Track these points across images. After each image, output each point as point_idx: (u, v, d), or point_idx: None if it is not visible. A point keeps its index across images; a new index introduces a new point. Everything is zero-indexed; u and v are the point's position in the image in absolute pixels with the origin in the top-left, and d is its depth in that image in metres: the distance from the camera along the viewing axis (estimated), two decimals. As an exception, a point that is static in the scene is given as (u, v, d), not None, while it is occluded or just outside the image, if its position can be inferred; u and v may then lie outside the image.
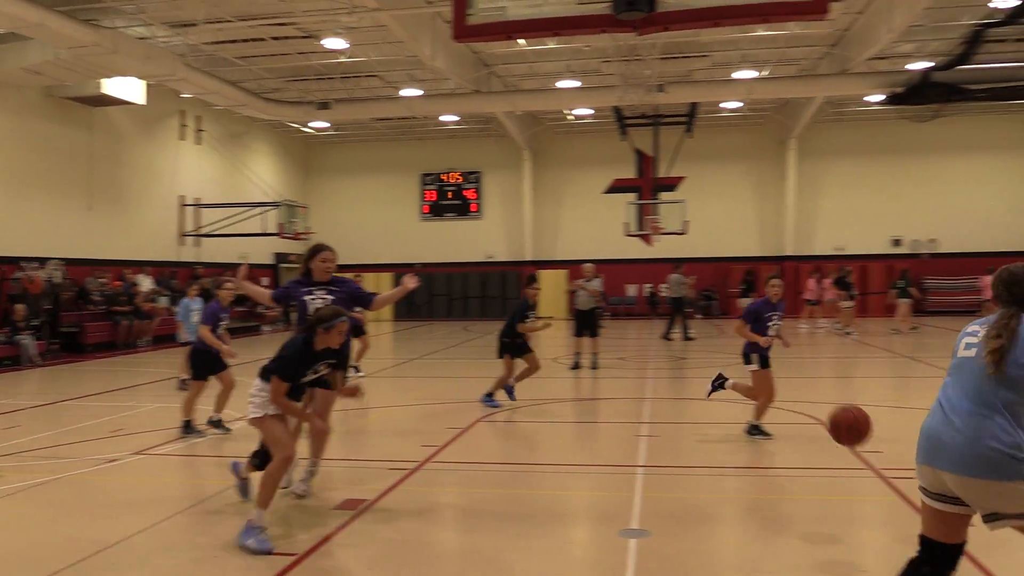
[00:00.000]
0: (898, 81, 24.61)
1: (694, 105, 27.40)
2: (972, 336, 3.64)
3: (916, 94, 24.44)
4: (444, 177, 35.14)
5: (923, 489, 3.73)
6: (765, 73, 25.36)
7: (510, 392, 11.21)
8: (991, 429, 3.41)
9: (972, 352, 3.59)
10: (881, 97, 25.94)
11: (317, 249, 6.95)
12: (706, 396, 9.27)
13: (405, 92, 26.07)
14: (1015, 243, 31.21)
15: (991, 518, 3.50)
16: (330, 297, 6.66)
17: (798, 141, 32.31)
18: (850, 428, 4.73)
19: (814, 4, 11.52)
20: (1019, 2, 18.08)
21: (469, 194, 34.97)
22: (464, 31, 12.00)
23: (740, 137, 33.35)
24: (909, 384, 13.64)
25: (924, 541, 3.71)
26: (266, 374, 5.74)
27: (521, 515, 6.20)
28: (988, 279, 22.17)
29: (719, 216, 32.61)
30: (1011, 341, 3.44)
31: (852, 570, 5.11)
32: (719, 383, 9.11)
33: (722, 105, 29.31)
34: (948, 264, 31.34)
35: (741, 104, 29.34)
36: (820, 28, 21.19)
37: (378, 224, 34.90)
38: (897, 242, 32.78)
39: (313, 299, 6.68)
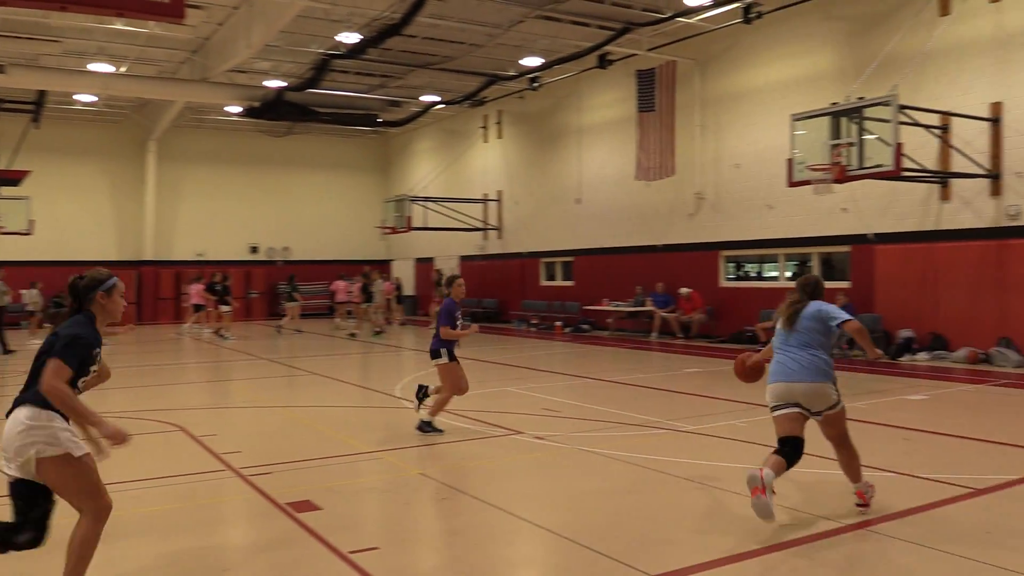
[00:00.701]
0: (255, 95, 25.78)
1: (42, 93, 24.98)
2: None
3: (271, 110, 25.94)
4: None
5: (776, 407, 5.94)
6: (123, 69, 24.27)
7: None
8: (813, 356, 5.88)
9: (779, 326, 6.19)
10: (239, 109, 26.88)
11: None
12: (416, 408, 9.29)
13: None
14: (358, 252, 35.08)
15: (815, 415, 5.92)
16: None
17: (158, 144, 31.63)
18: (741, 374, 6.67)
19: (170, 6, 11.41)
20: (358, 40, 20.37)
21: None
22: None
23: (97, 134, 31.37)
24: (271, 385, 14.33)
25: (781, 440, 5.83)
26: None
27: None
28: (340, 284, 24.43)
29: (73, 216, 30.26)
30: (797, 313, 6.04)
31: (217, 571, 5.17)
32: (422, 393, 9.30)
33: (76, 97, 27.25)
34: (301, 270, 33.77)
35: (97, 99, 27.66)
36: (182, 32, 21.03)
37: None
38: (254, 249, 34.25)
39: None
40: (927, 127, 14.91)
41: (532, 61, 23.11)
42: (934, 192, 16.24)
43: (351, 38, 20.68)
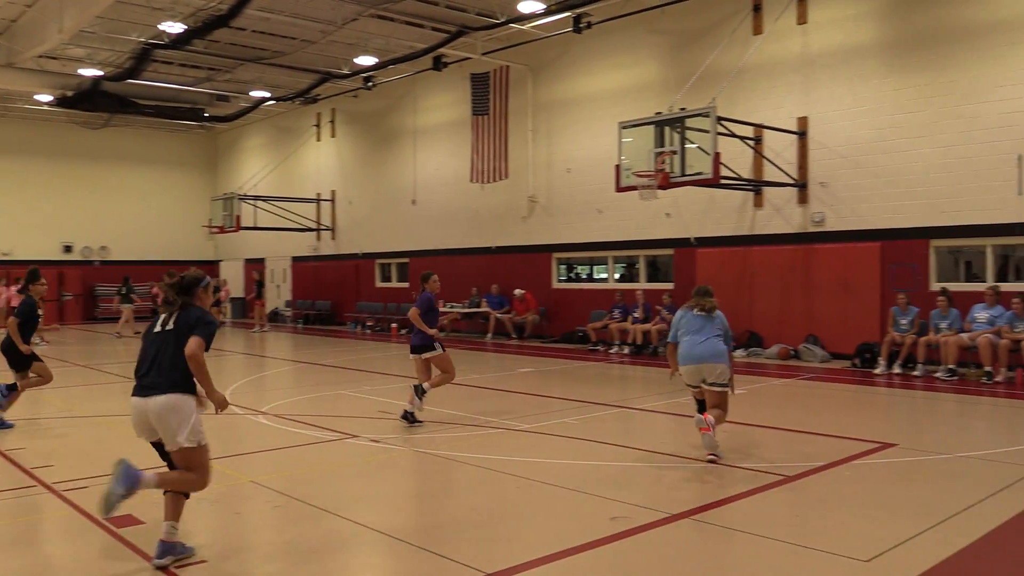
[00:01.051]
0: (69, 84, 24.18)
1: None
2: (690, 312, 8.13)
3: (86, 100, 24.39)
4: None
5: (690, 387, 7.99)
6: (-86, 51, 22.17)
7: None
8: (716, 342, 7.85)
9: (693, 316, 8.09)
10: (50, 98, 25.14)
11: None
12: (416, 405, 9.54)
13: None
14: (184, 252, 33.55)
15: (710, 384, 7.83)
16: None
17: (-44, 133, 29.10)
18: None
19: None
20: (183, 30, 19.49)
21: None
22: None
23: None
24: (88, 395, 13.46)
25: (701, 402, 7.93)
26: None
27: None
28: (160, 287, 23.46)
29: None
30: (713, 309, 8.12)
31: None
32: (421, 392, 9.61)
33: None
34: (119, 271, 31.95)
35: None
36: (-17, 13, 19.47)
37: None
38: (68, 248, 32.10)
39: None
40: (742, 138, 15.88)
41: (366, 60, 22.88)
42: (749, 199, 17.33)
43: (175, 28, 19.75)
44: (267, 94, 27.41)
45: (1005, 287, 13.81)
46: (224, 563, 5.14)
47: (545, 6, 18.50)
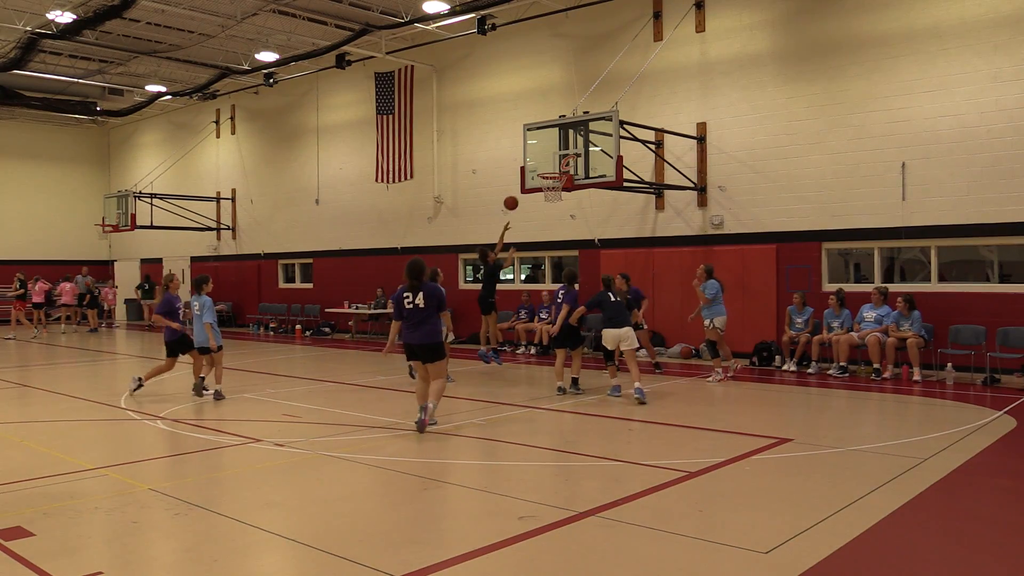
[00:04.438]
0: (-53, 74, 22.87)
1: None
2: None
3: (-32, 91, 23.13)
4: None
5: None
6: None
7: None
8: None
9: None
10: (-74, 88, 23.75)
11: None
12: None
13: None
14: (74, 251, 32.19)
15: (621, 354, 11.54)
16: None
17: None
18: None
19: None
20: (73, 19, 18.69)
21: None
22: None
23: None
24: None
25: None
26: None
27: None
28: (65, 285, 22.64)
29: None
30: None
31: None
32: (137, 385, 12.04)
33: None
34: (6, 271, 30.47)
35: None
36: None
37: None
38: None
39: None
40: (644, 142, 16.21)
41: (268, 56, 22.41)
42: (651, 202, 17.69)
43: (64, 17, 18.93)
44: (163, 88, 26.54)
45: (891, 288, 14.50)
46: (119, 573, 4.95)
47: (450, 7, 18.49)
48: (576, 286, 12.38)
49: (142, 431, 9.65)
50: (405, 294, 9.33)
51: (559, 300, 12.39)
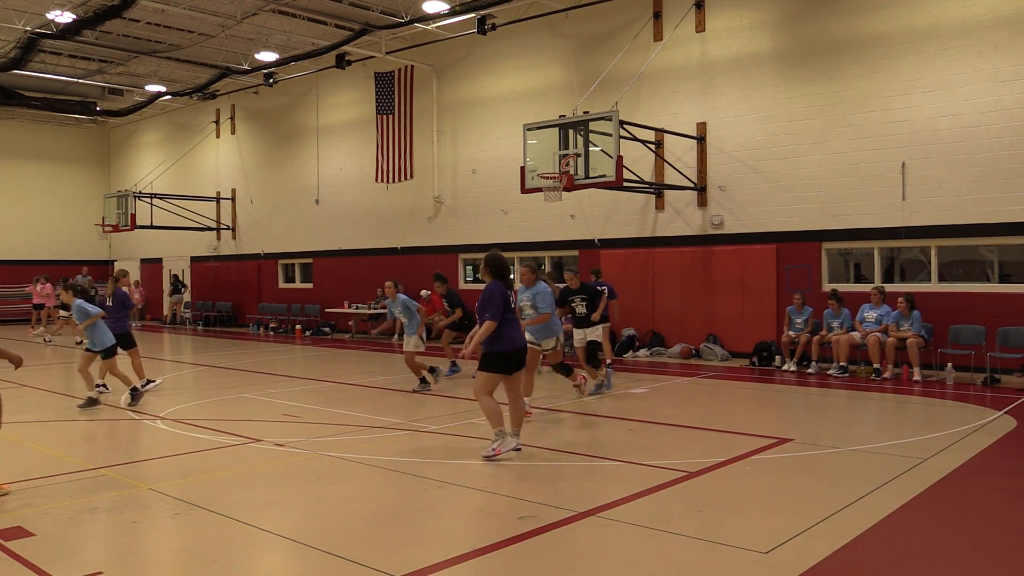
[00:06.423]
0: (-52, 74, 22.87)
1: None
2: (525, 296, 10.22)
3: (-32, 91, 23.14)
4: None
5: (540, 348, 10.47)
6: None
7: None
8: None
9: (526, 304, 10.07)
10: (-73, 88, 23.75)
11: None
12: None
13: None
14: (75, 252, 32.18)
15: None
16: None
17: None
18: None
19: None
20: (73, 19, 18.69)
21: None
22: None
23: None
24: None
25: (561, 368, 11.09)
26: None
27: None
28: (45, 287, 22.45)
29: None
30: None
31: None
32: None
33: None
34: (5, 272, 30.49)
35: None
36: None
37: None
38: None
39: None
40: (644, 142, 16.21)
41: (268, 56, 22.41)
42: (651, 202, 17.69)
43: (64, 17, 18.93)
44: (163, 88, 26.53)
45: (890, 288, 14.50)
46: (120, 573, 4.95)
47: (449, 7, 18.49)
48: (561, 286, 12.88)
49: (142, 431, 9.65)
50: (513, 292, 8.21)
51: (600, 290, 12.72)
